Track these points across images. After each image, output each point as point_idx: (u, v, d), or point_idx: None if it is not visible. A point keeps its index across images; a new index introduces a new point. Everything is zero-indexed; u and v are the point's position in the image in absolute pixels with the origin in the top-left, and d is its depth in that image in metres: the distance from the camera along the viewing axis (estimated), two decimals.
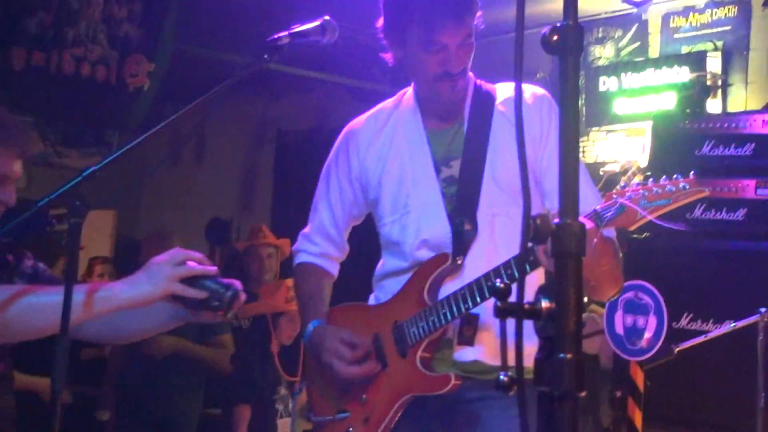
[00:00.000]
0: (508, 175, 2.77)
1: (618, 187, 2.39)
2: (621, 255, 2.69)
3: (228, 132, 9.15)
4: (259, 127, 9.53)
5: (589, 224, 2.32)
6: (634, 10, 6.73)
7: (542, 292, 1.24)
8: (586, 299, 3.70)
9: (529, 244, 1.25)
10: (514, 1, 1.33)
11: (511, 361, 1.28)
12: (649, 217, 2.35)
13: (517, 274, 2.49)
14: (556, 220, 1.26)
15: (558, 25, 1.25)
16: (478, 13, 2.82)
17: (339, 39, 2.74)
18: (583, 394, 1.21)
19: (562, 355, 1.18)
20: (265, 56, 2.69)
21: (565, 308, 1.19)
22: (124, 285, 2.34)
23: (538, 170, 2.81)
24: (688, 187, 2.33)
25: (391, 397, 2.82)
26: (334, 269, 3.19)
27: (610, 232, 2.54)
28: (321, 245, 3.14)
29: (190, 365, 5.57)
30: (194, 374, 5.66)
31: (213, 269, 2.34)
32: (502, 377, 1.23)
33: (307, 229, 3.18)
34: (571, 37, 1.23)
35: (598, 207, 2.40)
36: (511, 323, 1.28)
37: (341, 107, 8.91)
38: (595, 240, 2.32)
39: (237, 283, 2.32)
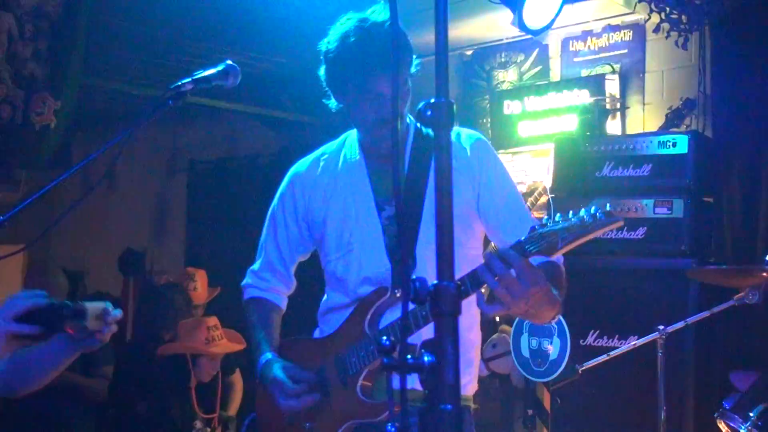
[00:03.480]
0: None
1: (541, 220, 2.50)
2: (560, 277, 2.81)
3: (140, 162, 9.12)
4: (170, 156, 9.53)
5: (513, 254, 2.43)
6: None
7: (425, 347, 1.33)
8: (498, 319, 3.80)
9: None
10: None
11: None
12: (569, 247, 2.46)
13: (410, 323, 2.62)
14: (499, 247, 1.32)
15: (431, 101, 1.35)
16: (413, 59, 2.93)
17: (247, 68, 2.82)
18: None
19: (442, 406, 1.26)
20: (170, 102, 2.73)
21: (444, 362, 1.28)
22: None
23: (481, 208, 2.96)
24: (604, 217, 2.44)
25: (335, 425, 2.95)
26: (283, 303, 3.32)
27: (546, 259, 2.65)
28: (269, 281, 3.27)
29: (73, 396, 5.63)
30: (78, 406, 5.71)
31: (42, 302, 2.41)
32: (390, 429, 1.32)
33: (255, 266, 3.30)
34: (443, 114, 1.32)
35: (522, 238, 2.50)
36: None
37: (251, 136, 8.97)
38: (519, 268, 2.43)
39: (66, 304, 2.42)
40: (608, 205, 2.50)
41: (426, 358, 1.32)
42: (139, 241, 9.11)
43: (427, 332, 2.73)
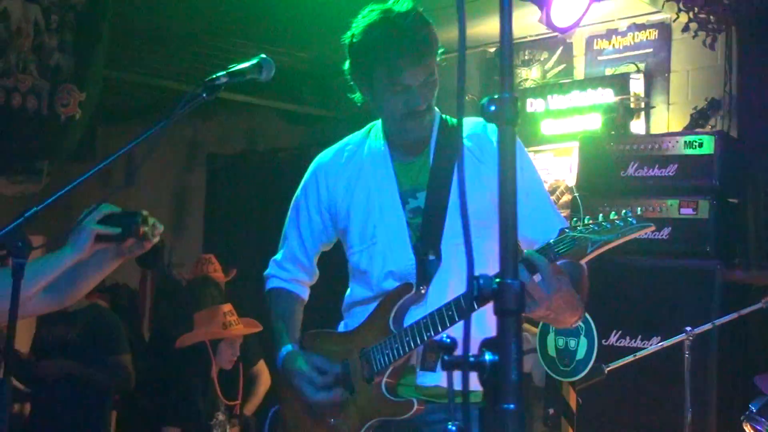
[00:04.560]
0: (472, 206, 2.85)
1: (571, 222, 2.49)
2: (583, 281, 2.79)
3: (158, 155, 9.12)
4: (189, 150, 9.53)
5: (541, 260, 2.43)
6: None
7: (486, 345, 1.31)
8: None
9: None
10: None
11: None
12: (598, 252, 2.44)
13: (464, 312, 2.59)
14: (526, 251, 1.31)
15: (496, 96, 1.33)
16: (440, 50, 2.92)
17: (271, 60, 2.83)
18: None
19: (505, 405, 1.25)
20: (204, 95, 2.73)
21: (507, 361, 1.26)
22: (65, 247, 2.74)
23: None
24: (635, 222, 2.42)
25: (359, 422, 2.92)
26: (305, 293, 3.29)
27: (567, 262, 2.62)
28: (292, 271, 3.24)
29: (85, 387, 5.68)
30: (93, 395, 5.73)
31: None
32: (451, 428, 1.30)
33: (278, 256, 3.27)
34: (508, 109, 1.30)
35: (551, 240, 2.49)
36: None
37: (271, 130, 8.97)
38: (545, 274, 2.42)
39: (138, 213, 2.81)
40: (639, 208, 2.49)
41: (488, 357, 1.31)
42: None
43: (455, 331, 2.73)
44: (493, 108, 1.37)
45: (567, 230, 2.48)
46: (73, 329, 5.77)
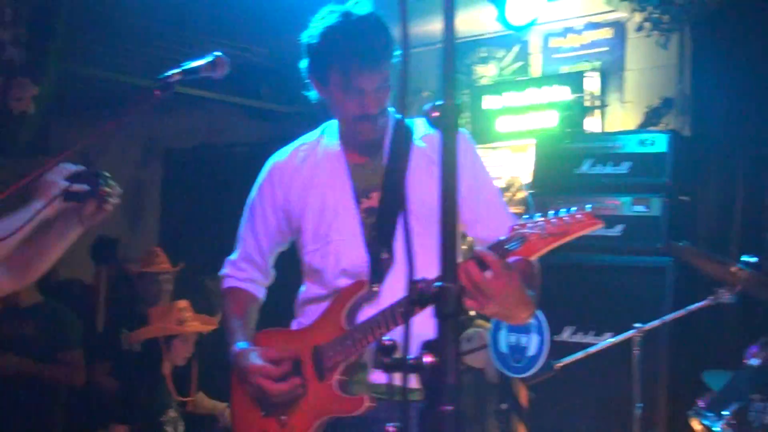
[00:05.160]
0: (424, 207, 2.87)
1: (521, 219, 2.52)
2: (534, 277, 2.83)
3: (114, 149, 9.07)
4: (146, 144, 9.47)
5: (491, 257, 2.45)
6: None
7: (425, 347, 1.33)
8: (473, 313, 3.81)
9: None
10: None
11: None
12: (549, 248, 2.47)
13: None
14: (477, 249, 1.33)
15: (438, 102, 1.36)
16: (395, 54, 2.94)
17: (226, 56, 2.83)
18: None
19: (443, 407, 1.27)
20: (157, 93, 2.73)
21: (445, 363, 1.28)
22: (33, 201, 2.70)
23: (458, 200, 2.93)
24: (584, 219, 2.46)
25: (310, 419, 2.94)
26: (261, 293, 3.30)
27: (518, 259, 2.66)
28: (247, 271, 3.25)
29: (36, 383, 5.66)
30: (44, 392, 5.73)
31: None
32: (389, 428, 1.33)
33: (233, 256, 3.28)
34: (450, 115, 1.33)
35: (502, 238, 2.51)
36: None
37: (228, 125, 8.94)
38: (496, 270, 2.45)
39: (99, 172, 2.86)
40: (589, 205, 2.52)
41: (427, 359, 1.33)
42: (113, 229, 9.05)
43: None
44: (435, 114, 1.39)
45: (517, 227, 2.51)
46: (26, 325, 5.74)
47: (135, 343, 5.79)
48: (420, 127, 3.07)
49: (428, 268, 1.74)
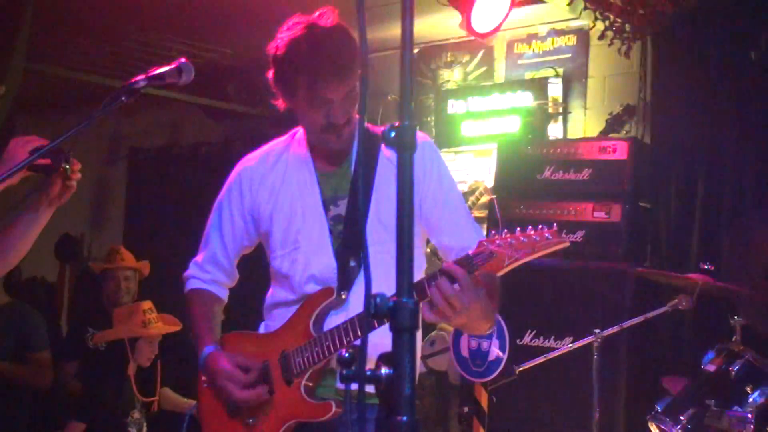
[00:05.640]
0: (391, 214, 2.92)
1: (488, 234, 2.59)
2: (496, 291, 2.89)
3: (79, 148, 9.02)
4: (111, 143, 9.45)
5: (460, 271, 2.53)
6: None
7: (382, 359, 1.38)
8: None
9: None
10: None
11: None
12: (515, 265, 2.55)
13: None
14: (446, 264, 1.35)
15: (396, 124, 1.40)
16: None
17: (192, 58, 2.87)
18: None
19: (399, 417, 1.32)
20: (123, 98, 2.76)
21: (401, 375, 1.33)
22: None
23: (423, 209, 3.01)
24: (551, 237, 2.53)
25: (278, 423, 2.98)
26: (225, 295, 3.34)
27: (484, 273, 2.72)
28: (212, 273, 3.28)
29: (6, 384, 5.69)
30: (11, 393, 5.76)
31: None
32: None
33: (199, 258, 3.31)
34: (407, 136, 1.37)
35: (470, 252, 2.59)
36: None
37: (194, 125, 8.94)
38: (464, 285, 2.53)
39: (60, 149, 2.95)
40: (555, 224, 2.59)
41: (383, 371, 1.38)
42: (77, 228, 9.05)
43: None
44: (392, 134, 1.44)
45: (486, 243, 2.58)
46: None
47: (100, 343, 5.81)
48: None
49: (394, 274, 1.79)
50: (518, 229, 2.57)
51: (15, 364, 5.77)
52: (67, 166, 2.96)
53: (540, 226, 2.57)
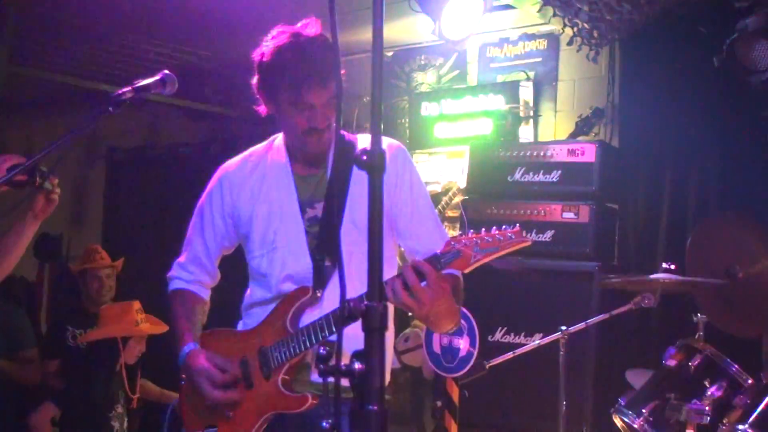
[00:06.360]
0: (364, 217, 3.08)
1: (453, 232, 2.76)
2: (460, 290, 3.07)
3: (58, 147, 9.09)
4: (89, 143, 9.51)
5: (428, 268, 2.70)
6: None
7: (356, 356, 1.56)
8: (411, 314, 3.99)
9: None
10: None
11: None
12: (480, 263, 2.72)
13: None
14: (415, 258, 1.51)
15: (367, 148, 1.57)
16: (343, 72, 3.13)
17: (171, 59, 3.02)
18: None
19: (369, 406, 1.49)
20: (110, 109, 2.91)
21: (372, 370, 1.50)
22: None
23: (394, 213, 3.18)
24: (513, 237, 2.70)
25: (256, 415, 3.14)
26: (207, 295, 3.50)
27: (450, 272, 2.90)
28: (195, 273, 3.44)
29: None
30: (1, 391, 5.89)
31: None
32: (324, 425, 1.54)
33: (181, 258, 3.47)
34: (377, 160, 1.54)
35: (438, 251, 2.76)
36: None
37: (172, 126, 9.03)
38: (431, 280, 2.70)
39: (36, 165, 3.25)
40: (518, 225, 2.76)
41: (356, 366, 1.55)
42: (56, 227, 9.10)
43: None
44: (364, 158, 1.60)
45: (453, 242, 2.75)
46: None
47: (82, 342, 5.90)
48: (362, 142, 3.28)
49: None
50: (483, 229, 2.75)
51: (4, 362, 5.88)
52: (47, 184, 3.26)
53: (504, 227, 2.75)
